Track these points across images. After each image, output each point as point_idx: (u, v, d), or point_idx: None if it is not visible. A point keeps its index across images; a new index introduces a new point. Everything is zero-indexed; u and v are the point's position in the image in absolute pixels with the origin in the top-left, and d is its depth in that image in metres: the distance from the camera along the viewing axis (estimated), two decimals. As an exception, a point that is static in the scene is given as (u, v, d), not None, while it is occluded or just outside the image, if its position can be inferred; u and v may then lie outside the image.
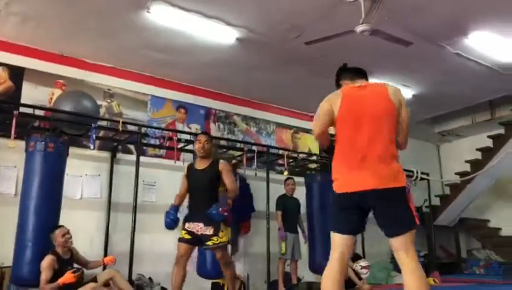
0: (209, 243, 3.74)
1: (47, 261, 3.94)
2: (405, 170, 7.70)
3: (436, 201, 8.48)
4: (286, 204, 5.88)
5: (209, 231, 3.72)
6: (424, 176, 7.75)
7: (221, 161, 4.03)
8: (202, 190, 3.88)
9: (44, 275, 3.89)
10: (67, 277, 3.91)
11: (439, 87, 6.71)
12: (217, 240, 3.73)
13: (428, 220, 8.00)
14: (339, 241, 2.37)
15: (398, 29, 4.61)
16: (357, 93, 2.48)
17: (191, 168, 4.03)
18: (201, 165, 3.96)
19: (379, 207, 2.33)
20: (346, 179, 2.33)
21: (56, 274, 3.94)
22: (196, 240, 3.82)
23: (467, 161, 8.33)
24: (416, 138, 9.18)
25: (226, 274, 4.05)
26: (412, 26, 4.83)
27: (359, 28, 4.13)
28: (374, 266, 6.65)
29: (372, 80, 6.86)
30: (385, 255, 7.51)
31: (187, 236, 3.80)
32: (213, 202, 3.75)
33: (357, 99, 2.44)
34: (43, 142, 4.27)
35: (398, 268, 7.33)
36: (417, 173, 7.57)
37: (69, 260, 4.16)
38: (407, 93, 6.88)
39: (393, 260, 7.19)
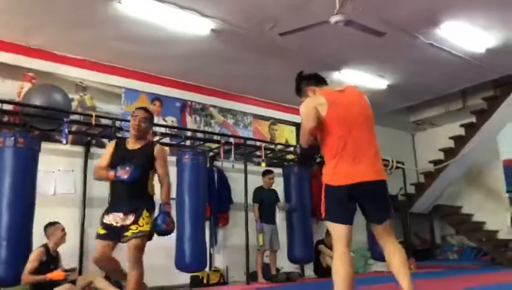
0: (128, 233, 3.05)
1: (36, 253, 4.00)
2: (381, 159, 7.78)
3: (411, 189, 8.65)
4: (263, 196, 5.90)
5: (129, 219, 3.08)
6: (400, 165, 7.88)
7: (158, 144, 3.49)
8: None
9: (30, 265, 3.91)
10: (58, 274, 3.94)
11: (413, 77, 6.81)
12: (136, 229, 3.05)
13: (403, 208, 8.16)
14: (344, 231, 2.52)
15: (372, 20, 4.64)
16: (342, 97, 2.67)
17: (119, 145, 3.33)
18: (133, 145, 3.29)
19: (373, 197, 2.60)
20: (344, 173, 2.51)
21: (39, 269, 3.94)
22: (114, 235, 3.12)
23: (440, 150, 8.52)
24: (392, 127, 9.33)
25: (131, 276, 3.08)
26: (385, 16, 4.87)
27: (333, 19, 4.14)
28: (353, 253, 6.75)
29: (347, 71, 6.95)
30: (362, 244, 7.63)
31: (103, 231, 3.13)
32: (141, 193, 3.18)
33: (343, 102, 2.63)
34: (12, 138, 4.15)
35: (376, 256, 7.64)
36: (392, 161, 7.68)
37: (55, 258, 4.17)
38: (382, 83, 6.96)
39: (371, 248, 7.34)
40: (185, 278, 5.44)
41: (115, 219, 3.13)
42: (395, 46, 5.69)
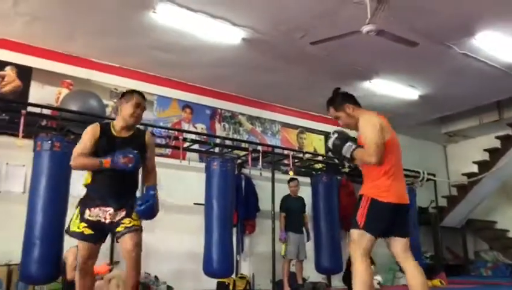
0: (120, 228, 2.74)
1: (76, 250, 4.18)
2: (411, 171, 7.72)
3: (443, 202, 8.43)
4: (290, 205, 5.87)
5: (120, 215, 2.77)
6: (431, 177, 7.71)
7: (147, 131, 3.17)
8: None
9: (74, 262, 4.01)
10: (103, 268, 4.20)
11: (445, 87, 6.68)
12: (130, 223, 2.76)
13: (434, 221, 7.97)
14: (372, 244, 2.79)
15: (404, 30, 4.60)
16: (389, 125, 2.91)
17: (105, 132, 2.86)
18: (121, 132, 2.90)
19: (405, 216, 2.87)
20: (395, 192, 2.74)
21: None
22: (102, 234, 2.81)
23: (474, 162, 8.28)
24: (423, 138, 9.16)
25: (132, 278, 2.77)
26: (418, 26, 4.81)
27: (365, 29, 4.12)
28: (381, 266, 6.64)
29: (378, 81, 6.88)
30: (391, 257, 7.48)
31: (88, 231, 2.73)
32: (132, 186, 2.93)
33: (393, 130, 2.90)
34: (49, 142, 4.30)
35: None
36: (423, 173, 7.54)
37: None
38: (414, 94, 6.85)
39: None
40: (211, 283, 5.48)
41: (103, 214, 2.75)
42: (428, 56, 5.60)
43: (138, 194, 3.03)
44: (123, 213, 2.79)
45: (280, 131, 7.37)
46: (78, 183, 5.05)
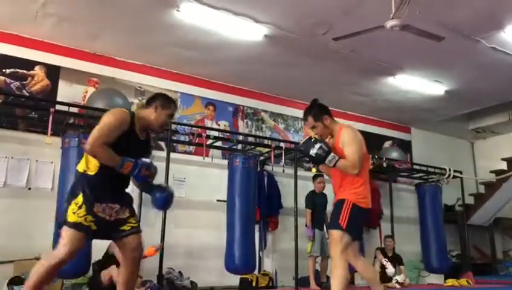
0: (126, 227, 2.67)
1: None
2: (437, 168, 7.58)
3: (469, 200, 8.24)
4: (316, 201, 5.83)
5: (124, 213, 2.69)
6: (457, 174, 7.55)
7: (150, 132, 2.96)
8: None
9: None
10: (150, 250, 4.23)
11: (473, 82, 6.51)
12: (135, 223, 2.73)
13: (461, 219, 7.80)
14: (350, 243, 3.09)
15: (429, 24, 4.51)
16: None
17: (131, 126, 2.66)
18: (142, 133, 2.77)
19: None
20: (369, 199, 3.16)
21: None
22: (104, 232, 2.66)
23: (503, 159, 8.05)
24: (449, 134, 8.98)
25: (132, 281, 2.78)
26: (444, 20, 4.71)
27: (389, 23, 4.06)
28: (404, 265, 6.56)
29: (402, 76, 6.76)
30: (415, 255, 7.37)
31: (94, 226, 2.56)
32: (129, 182, 2.83)
33: None
34: (76, 139, 4.42)
35: (429, 268, 7.42)
36: (449, 170, 7.39)
37: None
38: (440, 89, 6.71)
39: (424, 260, 7.08)
40: (234, 279, 5.52)
41: (109, 211, 2.62)
42: (454, 51, 5.47)
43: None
44: (127, 211, 2.71)
45: (303, 128, 7.33)
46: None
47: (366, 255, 6.26)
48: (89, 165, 2.62)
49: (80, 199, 2.55)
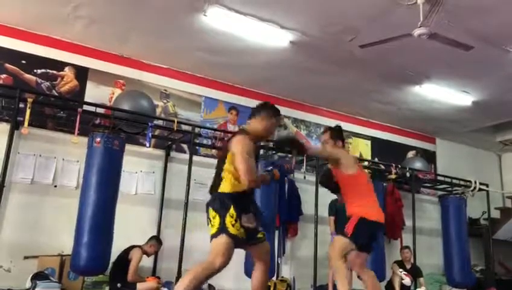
0: (260, 235, 3.02)
1: (139, 255, 4.68)
2: (461, 180, 7.40)
3: (495, 214, 8.03)
4: (339, 209, 5.77)
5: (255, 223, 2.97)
6: (483, 187, 7.37)
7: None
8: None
9: (136, 266, 4.62)
10: (152, 285, 4.66)
11: (501, 93, 6.35)
12: (263, 235, 3.06)
13: (486, 234, 7.60)
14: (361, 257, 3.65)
15: (458, 33, 4.43)
16: None
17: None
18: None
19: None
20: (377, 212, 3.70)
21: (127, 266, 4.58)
22: (247, 241, 2.96)
23: (531, 173, 7.83)
24: (476, 146, 8.78)
25: (267, 275, 3.20)
26: (473, 29, 4.62)
27: (417, 32, 4.01)
28: (425, 278, 6.43)
29: (429, 86, 6.65)
30: (437, 268, 7.22)
31: (243, 235, 2.87)
32: None
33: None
34: (103, 139, 4.51)
35: (452, 281, 7.24)
36: (475, 183, 7.22)
37: None
38: (467, 100, 6.58)
39: (446, 273, 6.92)
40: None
41: (250, 221, 2.92)
42: (483, 61, 5.36)
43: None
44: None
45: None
46: (129, 180, 5.31)
47: (386, 267, 6.17)
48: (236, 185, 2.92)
49: (234, 212, 2.85)
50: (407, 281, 5.98)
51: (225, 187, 2.92)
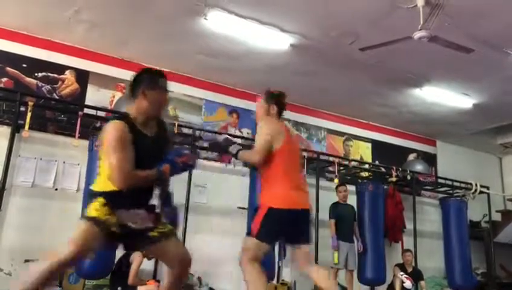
0: (154, 233, 2.45)
1: (140, 260, 4.55)
2: (462, 182, 7.41)
3: (497, 216, 8.01)
4: (340, 212, 5.77)
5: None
6: (484, 189, 7.36)
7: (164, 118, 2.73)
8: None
9: (137, 269, 4.53)
10: (153, 289, 4.57)
11: (502, 96, 6.36)
12: (160, 233, 2.48)
13: (487, 236, 7.58)
14: (266, 249, 2.92)
15: (458, 36, 4.44)
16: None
17: (133, 129, 2.36)
18: (146, 127, 2.47)
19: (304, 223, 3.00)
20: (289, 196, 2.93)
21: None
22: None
23: (532, 175, 7.82)
24: (476, 149, 8.77)
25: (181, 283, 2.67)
26: (474, 32, 4.62)
27: (417, 35, 4.02)
28: (426, 281, 6.41)
29: (429, 88, 6.66)
30: (438, 271, 7.20)
31: (114, 225, 2.34)
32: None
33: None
34: (104, 142, 4.51)
35: (454, 285, 7.19)
36: (476, 185, 7.22)
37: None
38: (467, 102, 6.58)
39: (448, 276, 6.90)
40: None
41: (133, 219, 2.40)
42: (484, 63, 5.36)
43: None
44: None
45: (326, 137, 7.30)
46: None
47: (387, 270, 6.16)
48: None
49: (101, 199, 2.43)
50: (408, 284, 5.97)
51: (96, 185, 2.41)
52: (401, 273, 6.06)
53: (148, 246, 2.48)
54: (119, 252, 4.59)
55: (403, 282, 5.99)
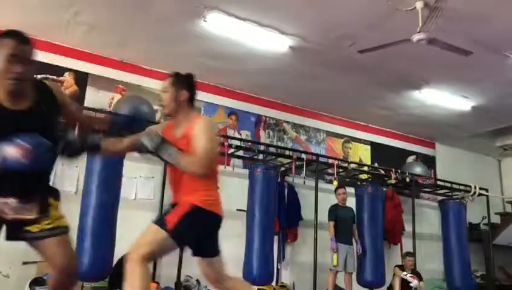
0: (34, 228, 2.14)
1: None
2: (461, 185, 7.38)
3: (496, 219, 8.01)
4: (339, 214, 5.76)
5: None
6: (483, 192, 7.37)
7: (46, 81, 2.40)
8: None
9: None
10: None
11: (501, 98, 6.36)
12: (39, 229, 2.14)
13: (486, 239, 7.58)
14: (169, 251, 2.49)
15: (457, 38, 4.44)
16: None
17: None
18: (14, 103, 2.12)
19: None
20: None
21: None
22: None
23: (531, 178, 7.82)
24: (475, 151, 8.77)
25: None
26: (473, 34, 4.63)
27: (416, 37, 4.03)
28: (425, 283, 6.40)
29: (428, 90, 6.66)
30: (437, 274, 7.19)
31: None
32: None
33: None
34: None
35: (452, 288, 7.15)
36: (475, 188, 7.22)
37: None
38: (466, 105, 6.59)
39: (447, 279, 6.89)
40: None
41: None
42: (482, 66, 5.37)
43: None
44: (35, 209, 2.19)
45: (325, 140, 7.30)
46: (129, 185, 5.29)
47: (386, 273, 6.15)
48: None
49: None
50: (414, 283, 5.87)
51: None
52: (405, 273, 6.00)
53: (28, 241, 2.14)
54: (116, 256, 4.58)
55: (408, 282, 5.89)
